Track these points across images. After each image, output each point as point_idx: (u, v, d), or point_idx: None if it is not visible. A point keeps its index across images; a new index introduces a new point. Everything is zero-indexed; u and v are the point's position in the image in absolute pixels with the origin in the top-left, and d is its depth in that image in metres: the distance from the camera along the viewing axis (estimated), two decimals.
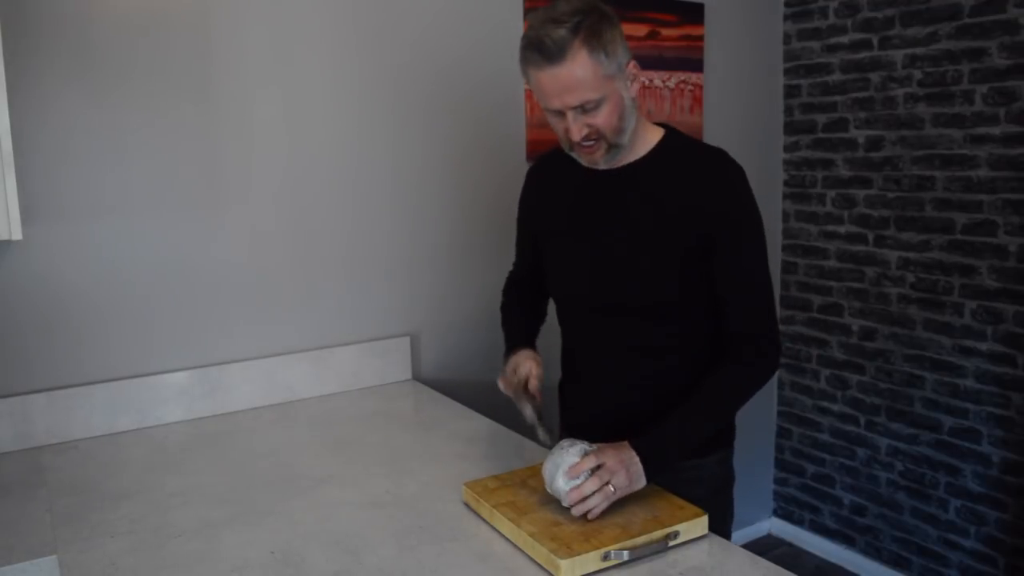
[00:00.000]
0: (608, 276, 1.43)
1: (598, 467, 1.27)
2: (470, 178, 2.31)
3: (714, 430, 1.44)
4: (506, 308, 1.72)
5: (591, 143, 1.34)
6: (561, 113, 1.32)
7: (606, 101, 1.30)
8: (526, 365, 1.51)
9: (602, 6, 1.30)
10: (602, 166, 1.40)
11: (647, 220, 1.39)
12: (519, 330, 1.64)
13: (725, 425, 1.53)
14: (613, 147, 1.36)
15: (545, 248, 1.56)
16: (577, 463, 1.27)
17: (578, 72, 1.25)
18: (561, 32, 1.24)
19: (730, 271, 1.39)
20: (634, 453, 1.30)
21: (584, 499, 1.25)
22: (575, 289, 1.50)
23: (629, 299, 1.42)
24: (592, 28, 1.25)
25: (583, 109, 1.29)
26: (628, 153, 1.41)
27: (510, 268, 1.78)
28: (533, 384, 1.49)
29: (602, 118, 1.31)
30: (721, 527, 1.50)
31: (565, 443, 1.33)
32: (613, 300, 1.44)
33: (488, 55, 2.30)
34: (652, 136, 1.43)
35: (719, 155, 1.41)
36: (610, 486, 1.25)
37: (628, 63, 1.32)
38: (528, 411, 1.45)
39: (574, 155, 1.40)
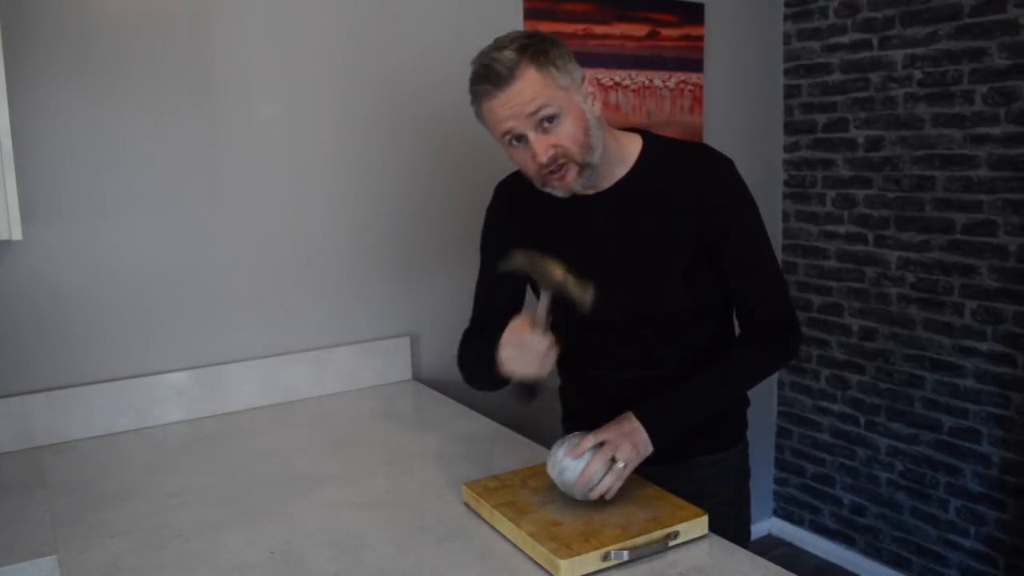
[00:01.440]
0: (614, 294, 1.35)
1: (600, 445, 1.27)
2: (470, 178, 2.30)
3: (723, 405, 1.43)
4: (467, 348, 1.52)
5: (560, 168, 1.28)
6: (522, 139, 1.27)
7: (566, 114, 1.25)
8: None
9: (544, 32, 1.30)
10: (578, 191, 1.32)
11: (647, 233, 1.36)
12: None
13: (739, 417, 1.54)
14: (584, 167, 1.28)
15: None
16: (578, 443, 1.28)
17: (529, 88, 1.23)
18: (507, 54, 1.23)
19: (740, 262, 1.38)
20: (637, 422, 1.30)
21: (596, 483, 1.25)
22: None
23: (636, 315, 1.40)
24: (537, 48, 1.24)
25: (543, 127, 1.25)
26: (614, 170, 1.37)
27: None
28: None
29: (566, 133, 1.25)
30: (746, 518, 1.53)
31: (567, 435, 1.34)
32: (618, 317, 1.39)
33: None
34: (632, 149, 1.39)
35: (704, 150, 1.40)
36: (619, 463, 1.26)
37: (583, 80, 1.30)
38: (557, 270, 1.26)
39: (548, 189, 1.32)
